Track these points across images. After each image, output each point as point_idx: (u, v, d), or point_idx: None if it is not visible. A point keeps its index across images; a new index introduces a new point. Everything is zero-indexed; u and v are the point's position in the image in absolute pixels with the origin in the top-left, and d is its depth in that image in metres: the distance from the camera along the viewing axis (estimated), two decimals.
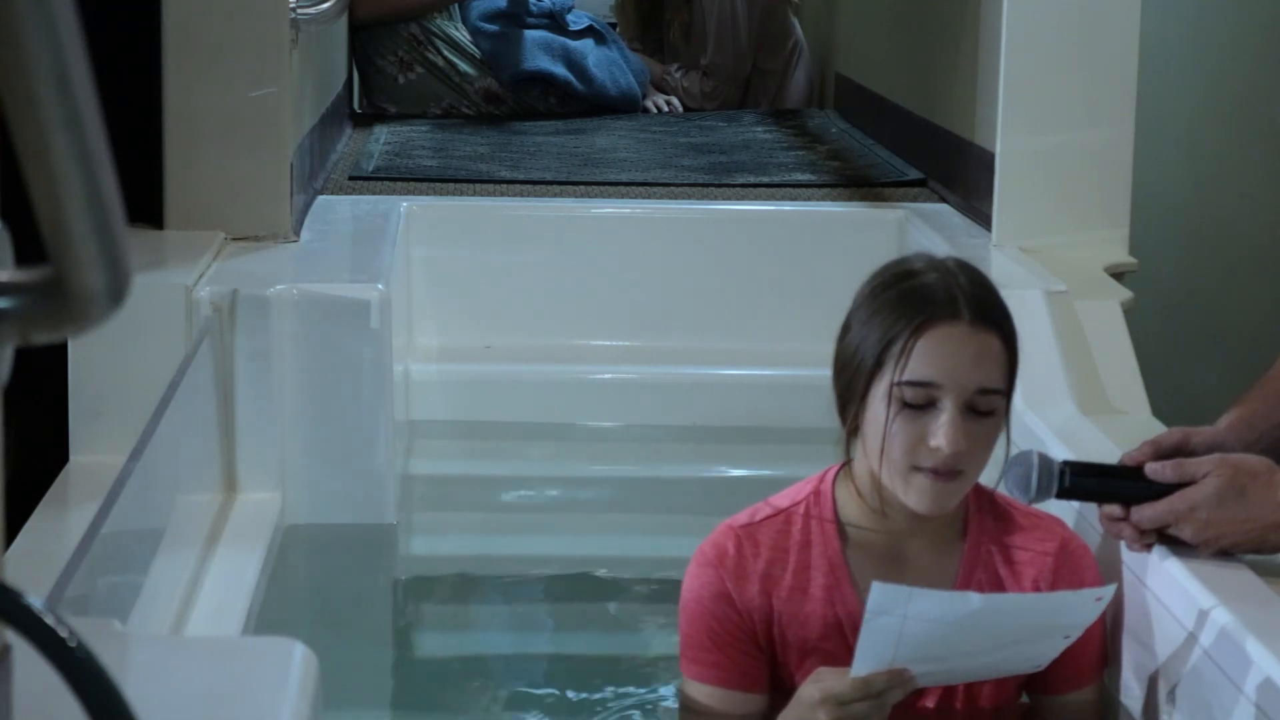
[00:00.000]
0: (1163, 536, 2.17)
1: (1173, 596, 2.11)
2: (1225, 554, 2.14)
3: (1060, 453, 2.51)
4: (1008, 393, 2.09)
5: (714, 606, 2.13)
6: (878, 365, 2.07)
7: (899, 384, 2.05)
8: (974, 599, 1.97)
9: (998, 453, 2.12)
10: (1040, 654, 2.07)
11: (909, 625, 1.94)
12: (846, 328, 2.13)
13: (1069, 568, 2.16)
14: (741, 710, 2.14)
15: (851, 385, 2.10)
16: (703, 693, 2.14)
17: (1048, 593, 2.12)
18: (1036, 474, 2.16)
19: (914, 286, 2.08)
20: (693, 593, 2.15)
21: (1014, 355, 2.10)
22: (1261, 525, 2.12)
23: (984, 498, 2.19)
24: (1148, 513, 2.15)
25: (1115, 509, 2.18)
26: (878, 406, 2.07)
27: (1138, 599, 2.19)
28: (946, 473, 2.05)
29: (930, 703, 2.15)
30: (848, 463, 2.17)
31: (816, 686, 2.01)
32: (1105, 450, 2.49)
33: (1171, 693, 2.10)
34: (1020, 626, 2.03)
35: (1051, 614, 2.04)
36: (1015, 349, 2.10)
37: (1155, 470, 2.16)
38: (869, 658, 1.98)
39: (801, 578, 2.13)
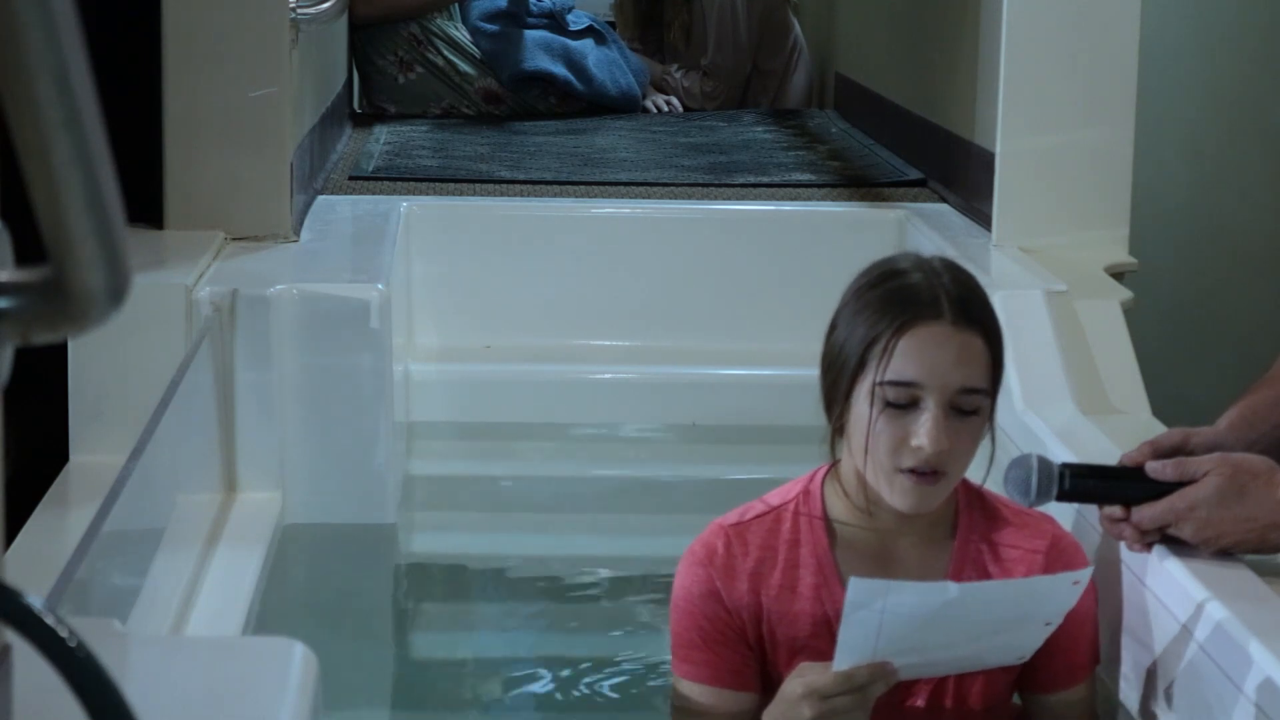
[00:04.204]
0: (1163, 536, 2.17)
1: (1172, 596, 2.11)
2: (1225, 553, 2.14)
3: (1060, 453, 2.51)
4: (992, 392, 2.09)
5: (703, 605, 2.13)
6: (861, 365, 2.07)
7: (881, 384, 2.05)
8: (951, 588, 1.98)
9: (983, 450, 2.12)
10: (1023, 644, 2.08)
11: (888, 618, 1.95)
12: (833, 327, 2.14)
13: (1060, 565, 2.15)
14: (733, 708, 2.14)
15: (836, 385, 2.11)
16: (694, 691, 2.15)
17: (1023, 579, 2.12)
18: (1036, 477, 2.16)
19: (898, 286, 2.08)
20: (682, 591, 2.15)
21: (998, 355, 2.10)
22: (1262, 524, 2.12)
23: (973, 495, 2.20)
24: (1148, 513, 2.15)
25: (1116, 510, 2.18)
26: (861, 406, 2.07)
27: (1138, 599, 2.19)
28: (929, 474, 2.05)
29: (920, 701, 2.15)
30: (836, 462, 2.17)
31: (800, 681, 2.02)
32: (1105, 450, 2.49)
33: (1170, 692, 2.10)
34: (999, 614, 2.03)
35: (1029, 601, 2.04)
36: (1000, 349, 2.10)
37: (1156, 469, 2.16)
38: (850, 651, 1.98)
39: (790, 576, 2.14)
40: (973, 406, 2.07)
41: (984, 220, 3.54)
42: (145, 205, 3.21)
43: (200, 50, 3.22)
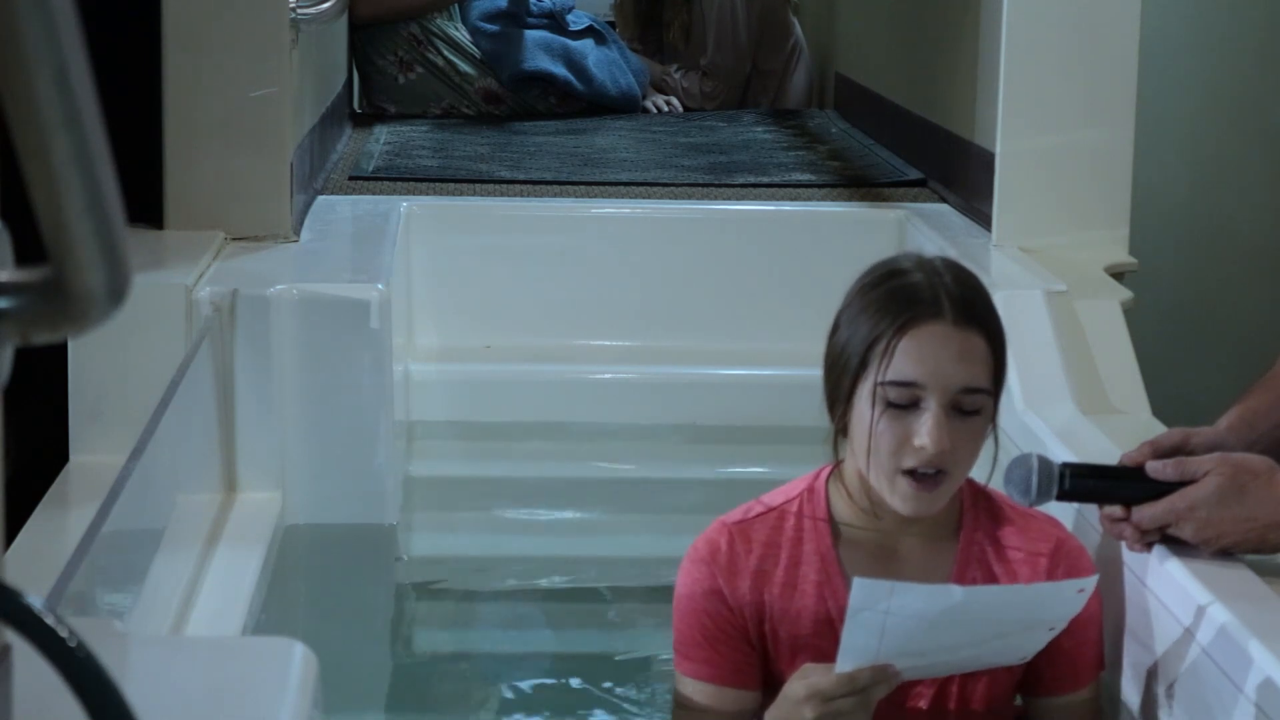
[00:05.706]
0: (1164, 536, 2.17)
1: (1173, 596, 2.11)
2: (1225, 553, 2.14)
3: (1060, 453, 2.51)
4: (994, 392, 2.09)
5: (706, 603, 2.13)
6: (863, 365, 2.07)
7: (883, 384, 2.05)
8: (956, 591, 1.97)
9: (986, 451, 2.12)
10: (1025, 647, 2.07)
11: (891, 620, 1.95)
12: (835, 327, 2.14)
13: (1064, 568, 2.15)
14: (734, 706, 2.14)
15: (838, 385, 2.11)
16: (696, 689, 2.15)
17: (1029, 584, 2.12)
18: (1036, 476, 2.15)
19: (899, 286, 2.08)
20: (685, 589, 2.15)
21: (1000, 355, 2.10)
22: (1262, 524, 2.12)
23: (978, 495, 2.19)
24: (1148, 512, 2.15)
25: (1116, 510, 2.18)
26: (863, 406, 2.07)
27: (1138, 599, 2.19)
28: (931, 477, 2.05)
29: (923, 703, 2.15)
30: (839, 463, 2.17)
31: (802, 683, 2.02)
32: (1105, 450, 2.49)
33: (1171, 692, 2.10)
34: (1003, 619, 2.02)
35: (1034, 606, 2.04)
36: (1002, 349, 2.10)
37: (1156, 469, 2.16)
38: (852, 653, 1.98)
39: (793, 574, 2.14)
40: (975, 406, 2.07)
41: (984, 220, 3.54)
42: (145, 205, 3.21)
43: (200, 50, 3.22)
